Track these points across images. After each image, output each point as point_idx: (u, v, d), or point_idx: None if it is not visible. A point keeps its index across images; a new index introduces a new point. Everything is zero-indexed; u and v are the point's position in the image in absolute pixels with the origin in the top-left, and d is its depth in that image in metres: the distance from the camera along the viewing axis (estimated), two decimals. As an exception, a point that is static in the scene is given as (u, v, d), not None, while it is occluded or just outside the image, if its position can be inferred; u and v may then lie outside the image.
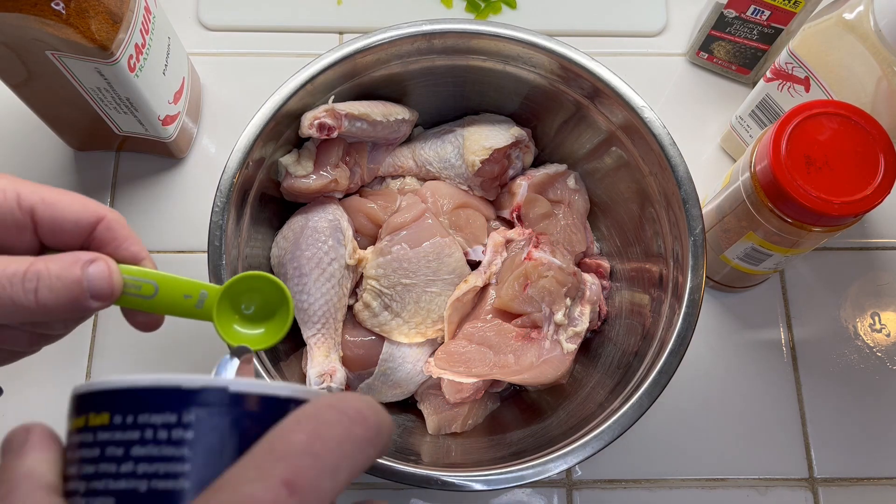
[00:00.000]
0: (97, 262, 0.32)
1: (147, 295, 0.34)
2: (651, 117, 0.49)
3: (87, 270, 0.31)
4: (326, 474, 0.21)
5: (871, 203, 0.46)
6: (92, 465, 0.23)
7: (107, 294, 0.32)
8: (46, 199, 0.32)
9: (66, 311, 0.31)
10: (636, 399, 0.44)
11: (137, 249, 0.34)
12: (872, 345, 0.61)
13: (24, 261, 0.30)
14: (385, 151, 0.56)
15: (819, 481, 0.57)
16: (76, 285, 0.31)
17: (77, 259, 0.31)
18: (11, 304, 0.30)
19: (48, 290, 0.30)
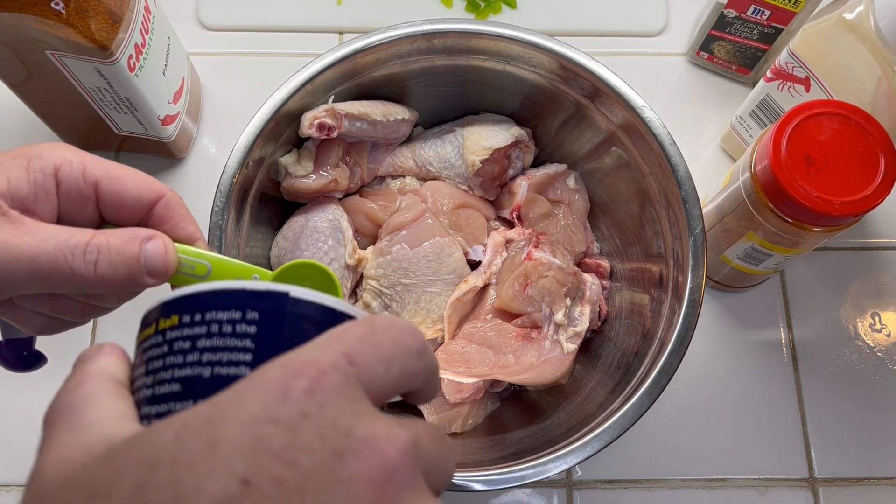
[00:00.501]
0: (155, 239, 0.32)
1: (200, 275, 0.34)
2: (651, 117, 0.49)
3: (145, 247, 0.32)
4: (381, 363, 0.22)
5: (872, 203, 0.46)
6: (160, 360, 0.24)
7: (161, 272, 0.32)
8: (111, 173, 0.33)
9: (122, 284, 0.32)
10: (636, 399, 0.44)
11: (193, 230, 0.35)
12: (873, 345, 0.61)
13: (86, 233, 0.31)
14: (385, 151, 0.56)
15: (819, 481, 0.57)
16: (134, 261, 0.32)
17: (136, 235, 0.32)
18: (72, 273, 0.30)
19: (107, 263, 0.31)
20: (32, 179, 0.31)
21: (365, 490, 0.19)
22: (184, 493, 0.18)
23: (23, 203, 0.31)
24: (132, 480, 0.18)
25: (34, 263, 0.30)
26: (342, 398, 0.20)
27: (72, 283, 0.31)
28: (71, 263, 0.30)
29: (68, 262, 0.30)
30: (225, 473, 0.18)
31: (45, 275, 0.30)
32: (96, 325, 0.59)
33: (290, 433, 0.19)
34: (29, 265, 0.30)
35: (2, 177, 0.31)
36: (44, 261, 0.30)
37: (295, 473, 0.18)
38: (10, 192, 0.31)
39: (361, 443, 0.20)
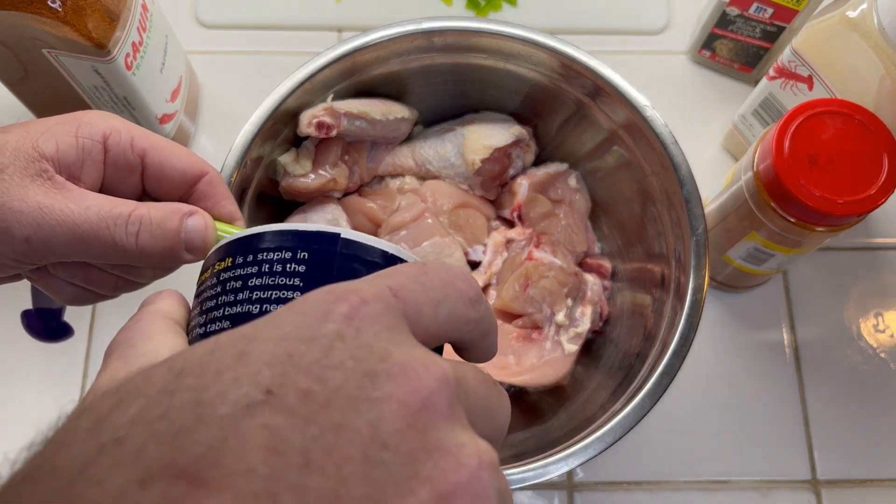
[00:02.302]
0: (196, 215, 0.32)
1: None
2: (653, 116, 0.49)
3: (186, 222, 0.32)
4: (429, 302, 0.22)
5: (875, 202, 0.45)
6: (212, 300, 0.25)
7: (200, 248, 0.33)
8: (157, 146, 0.33)
9: (161, 258, 0.32)
10: (638, 400, 0.44)
11: (233, 209, 0.35)
12: (876, 346, 0.60)
13: (129, 204, 0.31)
14: (384, 150, 0.56)
15: (822, 483, 0.57)
16: (174, 235, 0.32)
17: (177, 210, 0.32)
18: (112, 243, 0.31)
19: (148, 235, 0.31)
20: (81, 146, 0.31)
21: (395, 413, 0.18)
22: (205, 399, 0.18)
23: (69, 169, 0.31)
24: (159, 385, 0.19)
25: (77, 230, 0.30)
26: (381, 326, 0.20)
27: (111, 254, 0.31)
28: (113, 233, 0.30)
29: (110, 232, 0.30)
30: (249, 382, 0.18)
31: (87, 243, 0.30)
32: (94, 326, 0.59)
33: (322, 351, 0.19)
34: (71, 232, 0.30)
35: (50, 141, 0.30)
36: (86, 228, 0.30)
37: (322, 388, 0.18)
38: (58, 157, 0.31)
39: (397, 366, 0.19)
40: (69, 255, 0.31)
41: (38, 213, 0.30)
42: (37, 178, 0.30)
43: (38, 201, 0.30)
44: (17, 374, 0.57)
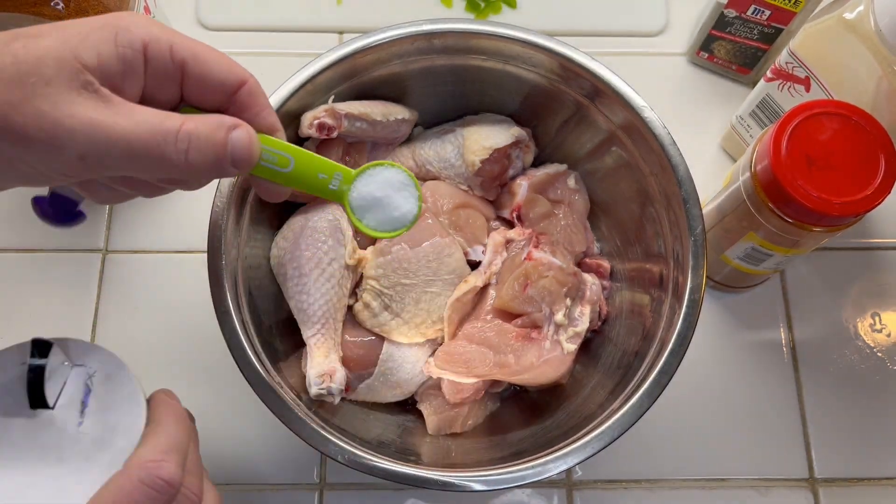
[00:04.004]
0: (240, 128, 0.32)
1: (282, 167, 0.34)
2: (651, 117, 0.49)
3: (231, 136, 0.31)
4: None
5: (872, 203, 0.46)
6: None
7: (246, 162, 0.32)
8: (198, 54, 0.32)
9: (208, 172, 0.32)
10: (636, 399, 0.44)
11: (274, 120, 0.34)
12: (873, 345, 0.61)
13: (175, 118, 0.30)
14: (385, 151, 0.56)
15: (819, 482, 0.57)
16: (221, 149, 0.31)
17: (222, 123, 0.31)
18: (163, 160, 0.30)
19: (197, 151, 0.31)
20: (121, 56, 0.30)
21: None
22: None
23: (111, 80, 0.30)
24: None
25: (129, 148, 0.29)
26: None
27: (161, 169, 0.31)
28: (163, 150, 0.30)
29: (161, 149, 0.30)
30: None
31: (138, 159, 0.30)
32: (96, 326, 0.59)
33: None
34: (124, 149, 0.29)
35: (91, 51, 0.29)
36: (139, 146, 0.29)
37: None
38: (100, 68, 0.29)
39: None
40: (120, 170, 0.30)
41: (91, 131, 0.29)
42: (83, 91, 0.29)
43: (89, 117, 0.29)
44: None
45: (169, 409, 0.39)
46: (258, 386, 0.44)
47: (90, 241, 0.62)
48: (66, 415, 0.37)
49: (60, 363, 0.38)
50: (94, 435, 0.37)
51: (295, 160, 0.34)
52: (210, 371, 0.58)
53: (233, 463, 0.56)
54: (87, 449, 0.37)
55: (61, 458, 0.36)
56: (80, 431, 0.37)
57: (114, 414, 0.38)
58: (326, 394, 0.48)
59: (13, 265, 0.61)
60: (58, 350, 0.38)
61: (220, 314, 0.45)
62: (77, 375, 0.38)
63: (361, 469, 0.42)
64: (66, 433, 0.37)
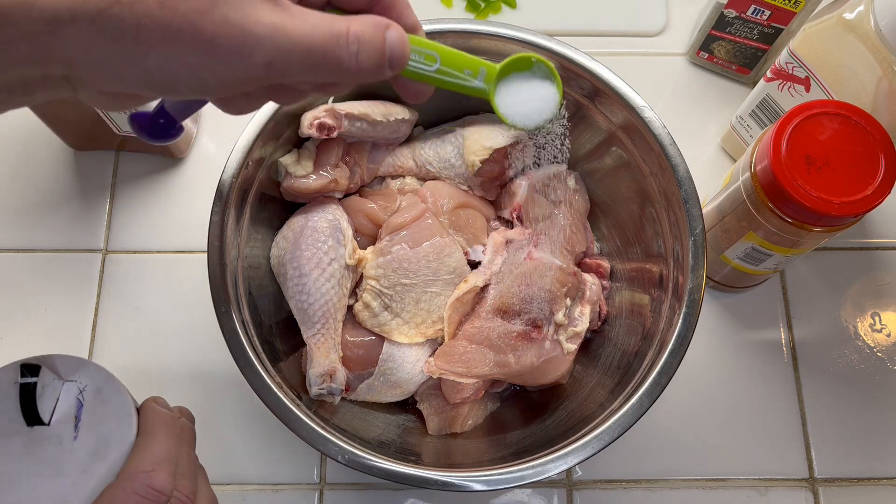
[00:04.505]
0: (393, 28, 0.31)
1: (429, 65, 0.34)
2: (651, 117, 0.49)
3: (387, 36, 0.31)
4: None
5: (872, 203, 0.46)
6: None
7: (400, 62, 0.32)
8: None
9: (370, 75, 0.31)
10: (636, 399, 0.44)
11: (416, 20, 0.34)
12: (873, 345, 0.61)
13: (341, 21, 0.30)
14: (385, 151, 0.56)
15: (819, 481, 0.57)
16: (382, 51, 0.31)
17: (379, 24, 0.31)
18: (337, 64, 0.30)
19: (365, 53, 0.30)
20: None
21: None
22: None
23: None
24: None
25: (309, 52, 0.29)
26: None
27: (334, 73, 0.30)
28: (337, 53, 0.29)
29: (335, 53, 0.29)
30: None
31: (315, 64, 0.29)
32: (96, 326, 0.59)
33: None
34: (305, 54, 0.29)
35: None
36: (317, 49, 0.29)
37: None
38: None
39: None
40: (297, 76, 0.30)
41: (278, 37, 0.28)
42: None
43: (273, 23, 0.28)
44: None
45: (158, 417, 0.40)
46: (258, 386, 0.44)
47: (90, 241, 0.62)
48: (61, 430, 0.38)
49: (51, 380, 0.39)
50: (90, 447, 0.38)
51: (441, 57, 0.34)
52: (210, 371, 0.58)
53: (232, 463, 0.56)
54: (84, 461, 0.37)
55: (60, 471, 0.37)
56: (75, 445, 0.38)
57: (106, 426, 0.39)
58: (326, 394, 0.48)
59: (13, 265, 0.61)
60: (47, 367, 0.39)
61: (220, 314, 0.45)
62: (69, 391, 0.39)
63: (361, 469, 0.42)
64: (63, 447, 0.38)
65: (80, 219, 0.62)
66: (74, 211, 0.62)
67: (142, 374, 0.58)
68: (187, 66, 0.28)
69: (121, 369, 0.58)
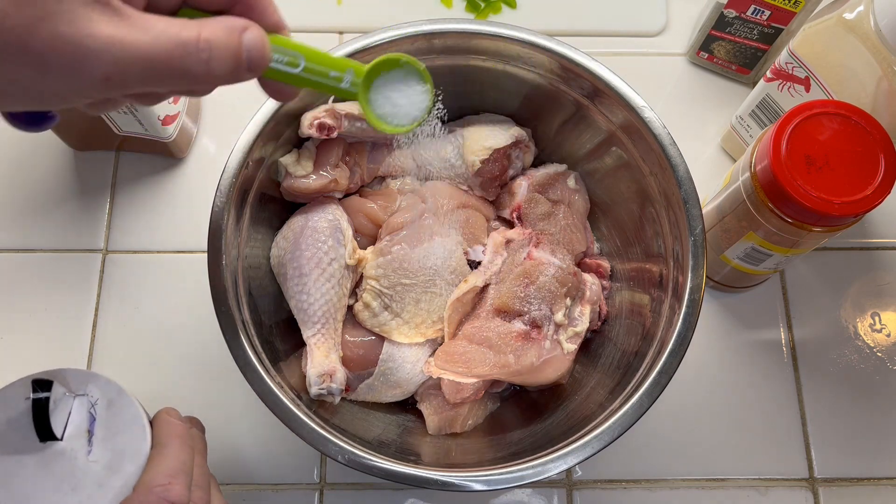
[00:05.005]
0: (250, 29, 0.31)
1: (293, 68, 0.33)
2: (651, 117, 0.49)
3: (244, 39, 0.30)
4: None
5: (872, 203, 0.46)
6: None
7: (260, 64, 0.31)
8: None
9: (225, 80, 0.30)
10: (636, 399, 0.44)
11: (278, 19, 0.33)
12: (873, 345, 0.61)
13: (191, 26, 0.29)
14: (385, 151, 0.56)
15: (819, 481, 0.57)
16: (238, 54, 0.30)
17: (234, 26, 0.30)
18: (184, 73, 0.29)
19: (218, 59, 0.29)
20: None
21: None
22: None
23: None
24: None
25: (151, 63, 0.28)
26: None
27: (182, 82, 0.29)
28: (186, 63, 0.29)
29: (183, 62, 0.29)
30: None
31: (161, 75, 0.28)
32: (96, 326, 0.59)
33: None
34: (147, 66, 0.28)
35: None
36: (161, 61, 0.28)
37: None
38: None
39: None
40: (141, 87, 0.29)
41: (114, 50, 0.27)
42: (96, 6, 0.27)
43: (109, 35, 0.27)
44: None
45: (172, 429, 0.40)
46: (258, 386, 0.44)
47: (90, 241, 0.62)
48: (75, 444, 0.38)
49: (62, 394, 0.38)
50: (104, 461, 0.38)
51: (305, 58, 0.34)
52: (210, 371, 0.58)
53: (233, 463, 0.56)
54: (100, 475, 0.37)
55: (75, 486, 0.37)
56: (90, 460, 0.38)
57: (120, 439, 0.38)
58: (326, 394, 0.48)
59: (13, 265, 0.61)
60: (59, 382, 0.39)
61: (220, 314, 0.45)
62: (81, 405, 0.39)
63: (361, 469, 0.42)
64: (78, 462, 0.37)
65: (80, 219, 0.62)
66: (74, 211, 0.62)
67: (141, 374, 0.58)
68: (16, 80, 0.27)
69: (121, 369, 0.58)
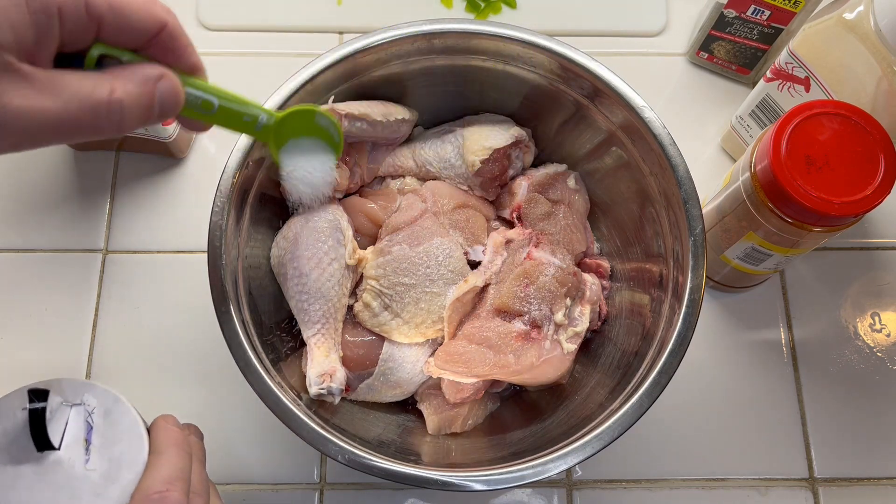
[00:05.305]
0: (165, 79, 0.31)
1: (206, 110, 0.34)
2: (651, 117, 0.49)
3: (158, 88, 0.31)
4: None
5: (872, 203, 0.46)
6: None
7: (172, 112, 0.32)
8: (114, 6, 0.31)
9: (136, 127, 0.31)
10: (636, 399, 0.44)
11: (196, 60, 0.34)
12: (872, 345, 0.61)
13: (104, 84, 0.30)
14: (385, 151, 0.56)
15: (819, 481, 0.57)
16: (150, 105, 0.31)
17: (148, 78, 0.31)
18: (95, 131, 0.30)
19: (130, 116, 0.30)
20: (35, 23, 0.29)
21: None
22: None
23: (29, 51, 0.29)
24: None
25: (59, 128, 0.29)
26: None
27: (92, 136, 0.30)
28: (97, 123, 0.30)
29: (94, 122, 0.30)
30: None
31: (71, 134, 0.29)
32: (96, 326, 0.59)
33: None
34: (54, 130, 0.29)
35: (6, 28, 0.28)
36: (70, 124, 0.29)
37: None
38: (17, 42, 0.28)
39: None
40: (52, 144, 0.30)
41: (22, 121, 0.28)
42: (3, 75, 0.28)
43: (16, 107, 0.28)
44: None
45: (169, 435, 0.40)
46: (258, 386, 0.44)
47: (90, 241, 0.62)
48: (72, 454, 0.38)
49: (59, 404, 0.39)
50: (102, 470, 0.38)
51: (219, 102, 0.34)
52: (210, 371, 0.58)
53: (233, 463, 0.56)
54: (97, 484, 0.37)
55: (73, 496, 0.37)
56: (87, 469, 0.38)
57: (117, 447, 0.38)
58: (326, 394, 0.48)
59: (13, 265, 0.61)
60: (55, 392, 0.39)
61: (220, 314, 0.45)
62: (77, 414, 0.39)
63: (361, 469, 0.42)
64: (75, 472, 0.37)
65: (80, 219, 0.62)
66: (74, 211, 0.62)
67: (141, 374, 0.58)
68: None
69: (120, 370, 0.58)
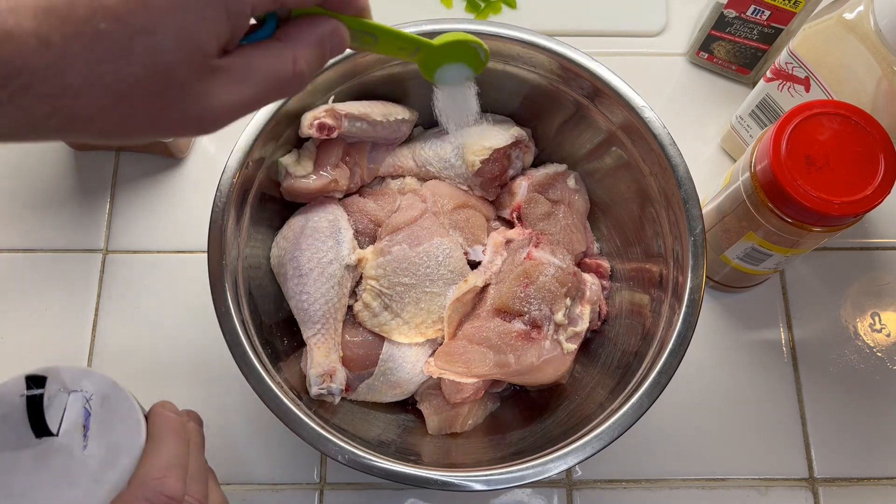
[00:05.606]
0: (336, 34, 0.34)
1: (368, 44, 0.38)
2: (651, 117, 0.49)
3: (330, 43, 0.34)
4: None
5: (872, 203, 0.46)
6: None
7: (338, 54, 0.35)
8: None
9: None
10: (636, 399, 0.44)
11: (364, 3, 0.36)
12: (872, 345, 0.61)
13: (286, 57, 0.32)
14: (385, 151, 0.56)
15: (819, 481, 0.57)
16: (323, 61, 0.34)
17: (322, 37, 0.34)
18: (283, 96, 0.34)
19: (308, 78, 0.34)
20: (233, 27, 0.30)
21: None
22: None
23: (225, 45, 0.30)
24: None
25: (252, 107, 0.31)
26: None
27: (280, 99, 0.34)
28: (281, 94, 0.33)
29: (279, 95, 0.33)
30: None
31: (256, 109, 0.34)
32: (96, 326, 0.59)
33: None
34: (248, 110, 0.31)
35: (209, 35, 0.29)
36: (260, 103, 0.32)
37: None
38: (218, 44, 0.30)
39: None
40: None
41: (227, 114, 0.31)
42: (211, 77, 0.30)
43: (222, 104, 0.30)
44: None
45: (167, 422, 0.40)
46: (258, 386, 0.44)
47: (90, 241, 0.62)
48: (70, 440, 0.38)
49: (57, 390, 0.39)
50: (100, 456, 0.38)
51: (378, 38, 0.38)
52: (210, 371, 0.58)
53: (233, 463, 0.56)
54: (95, 470, 0.37)
55: (72, 482, 0.37)
56: (86, 454, 0.38)
57: (115, 433, 0.39)
58: (326, 394, 0.48)
59: (13, 265, 0.61)
60: (53, 378, 0.39)
61: (220, 314, 0.45)
62: (75, 400, 0.39)
63: (361, 469, 0.42)
64: (74, 457, 0.38)
65: (80, 219, 0.62)
66: (74, 211, 0.62)
67: (141, 374, 0.58)
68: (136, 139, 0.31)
69: (120, 369, 0.58)
